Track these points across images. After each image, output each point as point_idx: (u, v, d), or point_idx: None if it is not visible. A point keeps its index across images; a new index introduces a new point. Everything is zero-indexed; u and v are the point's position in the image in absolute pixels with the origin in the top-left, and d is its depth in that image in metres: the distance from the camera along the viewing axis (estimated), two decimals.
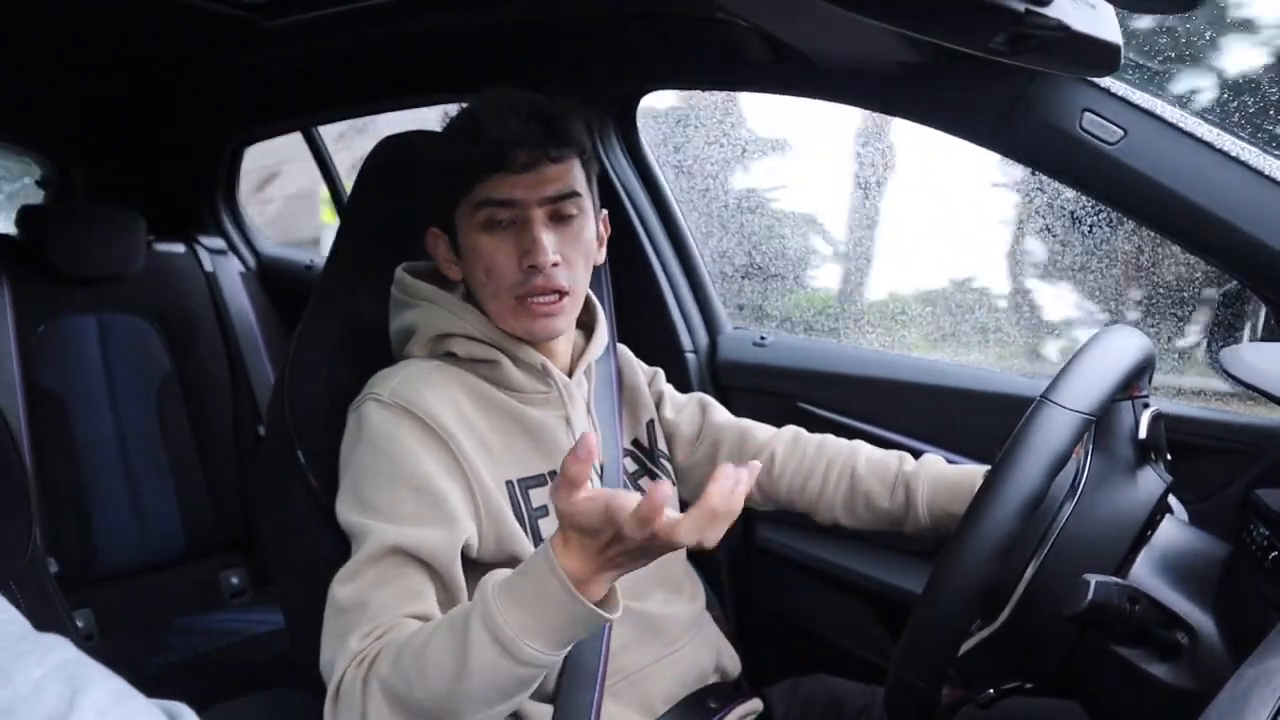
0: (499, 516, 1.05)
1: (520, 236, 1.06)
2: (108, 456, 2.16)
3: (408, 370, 1.10)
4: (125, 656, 1.97)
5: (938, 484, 1.18)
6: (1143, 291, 1.61)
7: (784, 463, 1.29)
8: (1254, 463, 1.27)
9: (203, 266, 2.43)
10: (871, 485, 1.22)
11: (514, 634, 0.82)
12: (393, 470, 1.01)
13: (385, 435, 1.03)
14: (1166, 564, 0.94)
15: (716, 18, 1.38)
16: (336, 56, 1.92)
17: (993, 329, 1.83)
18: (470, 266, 1.10)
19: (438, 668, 0.86)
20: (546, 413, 1.14)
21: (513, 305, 1.08)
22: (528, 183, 1.05)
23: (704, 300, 1.78)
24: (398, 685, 0.88)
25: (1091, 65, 1.08)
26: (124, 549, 2.15)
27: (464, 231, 1.10)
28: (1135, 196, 1.17)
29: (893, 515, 1.21)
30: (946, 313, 1.89)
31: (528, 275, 1.06)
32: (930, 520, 1.18)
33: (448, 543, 0.99)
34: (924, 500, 1.18)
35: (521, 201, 1.06)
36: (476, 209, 1.07)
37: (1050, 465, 0.87)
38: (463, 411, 1.07)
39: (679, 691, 1.18)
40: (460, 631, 0.85)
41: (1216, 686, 0.68)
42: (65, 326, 2.16)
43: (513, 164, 1.04)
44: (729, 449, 1.31)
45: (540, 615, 0.83)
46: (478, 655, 0.84)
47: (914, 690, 0.89)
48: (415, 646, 0.88)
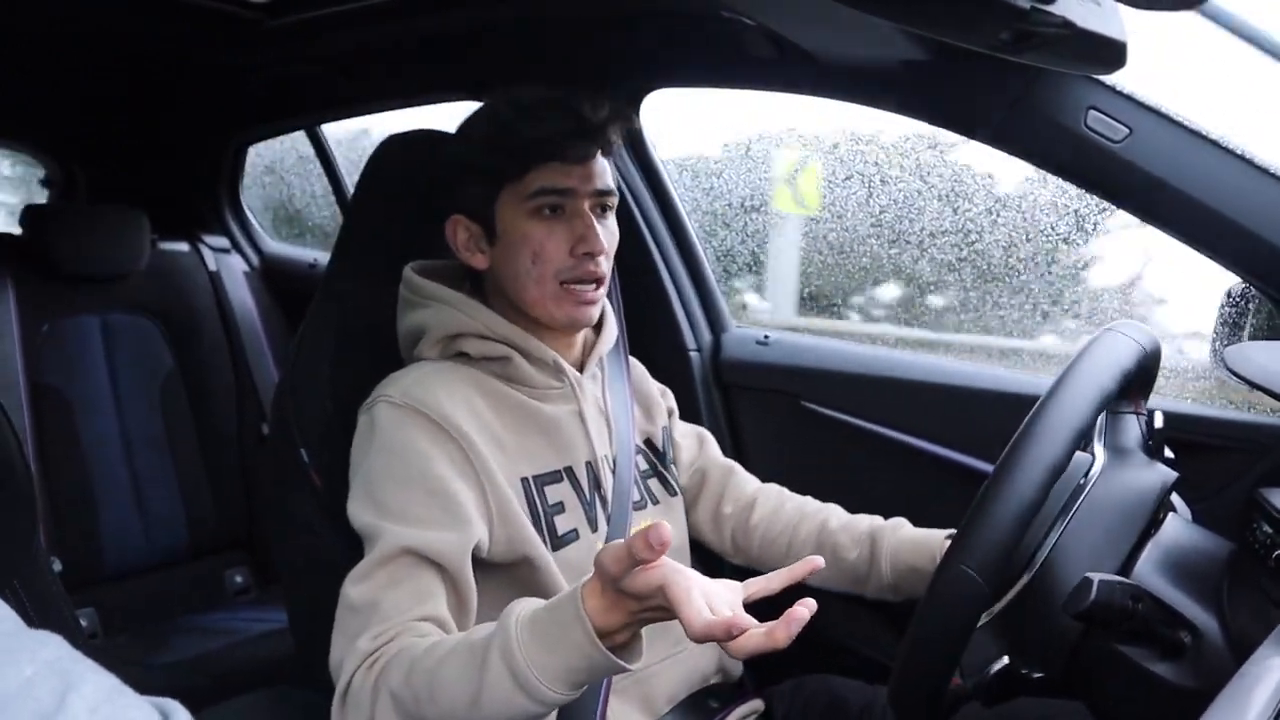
0: (511, 518, 1.05)
1: (572, 224, 1.09)
2: (112, 455, 2.17)
3: (420, 371, 1.10)
4: (129, 655, 1.97)
5: (903, 540, 1.21)
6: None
7: (762, 515, 1.31)
8: (1258, 462, 1.26)
9: (206, 265, 2.43)
10: (840, 539, 1.24)
11: (532, 672, 0.82)
12: (405, 472, 1.01)
13: (397, 437, 1.03)
14: (1170, 563, 0.94)
15: (721, 16, 1.38)
16: (340, 55, 1.92)
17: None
18: (511, 253, 1.11)
19: (452, 691, 0.86)
20: (560, 408, 1.14)
21: (556, 291, 1.10)
22: (580, 174, 1.09)
23: (707, 299, 1.78)
24: (408, 700, 0.88)
25: (1097, 63, 1.08)
26: (128, 548, 2.16)
27: (509, 218, 1.10)
28: (1140, 195, 1.17)
29: (856, 570, 1.23)
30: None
31: (580, 261, 1.09)
32: (892, 575, 1.19)
33: (459, 545, 0.99)
34: (888, 553, 1.20)
35: (575, 191, 1.09)
36: (529, 196, 1.09)
37: (1074, 433, 0.87)
38: (476, 411, 1.07)
39: (681, 691, 1.18)
40: (478, 659, 0.85)
41: (1219, 685, 0.68)
42: (69, 326, 2.16)
43: (568, 155, 1.08)
44: (714, 485, 1.34)
45: (561, 658, 0.82)
46: (493, 687, 0.84)
47: (921, 683, 0.88)
48: (429, 664, 0.88)
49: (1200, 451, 1.29)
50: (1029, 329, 1.80)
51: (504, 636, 0.84)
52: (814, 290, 2.09)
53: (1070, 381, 0.91)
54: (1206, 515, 1.08)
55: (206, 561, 2.29)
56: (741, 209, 1.99)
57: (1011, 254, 1.74)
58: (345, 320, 1.23)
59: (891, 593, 1.21)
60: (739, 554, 1.33)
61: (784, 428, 1.67)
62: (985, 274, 1.79)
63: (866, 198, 1.82)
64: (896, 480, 1.55)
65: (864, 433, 1.58)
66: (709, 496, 1.33)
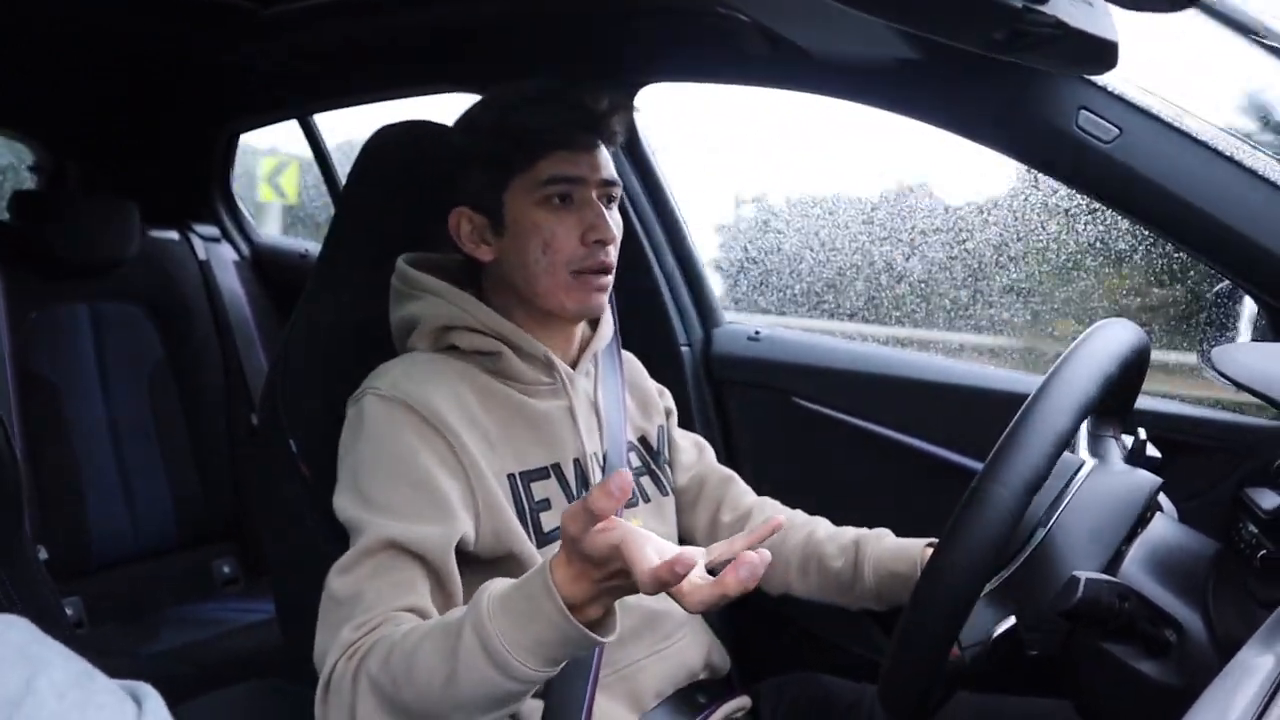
0: (497, 513, 1.05)
1: (583, 213, 1.09)
2: (100, 444, 2.16)
3: (409, 363, 1.10)
4: (116, 645, 1.97)
5: (885, 549, 1.21)
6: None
7: (755, 526, 1.30)
8: (1244, 462, 1.27)
9: (196, 254, 2.42)
10: (826, 548, 1.25)
11: (504, 647, 0.82)
12: (391, 465, 1.01)
13: (384, 430, 1.03)
14: (1156, 561, 0.94)
15: (717, 11, 1.38)
16: (333, 47, 1.91)
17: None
18: (521, 243, 1.10)
19: (427, 671, 0.85)
20: (550, 404, 1.14)
21: (568, 281, 1.09)
22: (590, 163, 1.09)
23: (699, 294, 1.78)
24: (386, 684, 0.87)
25: (1088, 63, 1.08)
26: (115, 537, 2.15)
27: (518, 208, 1.10)
28: (1131, 195, 1.17)
29: (840, 577, 1.23)
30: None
31: (591, 250, 1.09)
32: (874, 582, 1.20)
33: (443, 538, 0.99)
34: (871, 560, 1.20)
35: (585, 180, 1.09)
36: (540, 185, 1.08)
37: (1079, 409, 0.87)
38: (464, 405, 1.07)
39: (668, 687, 1.18)
40: (453, 637, 0.85)
41: (1204, 683, 0.68)
42: (58, 314, 2.15)
43: (575, 144, 1.08)
44: (712, 491, 1.33)
45: (532, 632, 0.82)
46: (467, 663, 0.83)
47: (912, 679, 0.88)
48: (407, 647, 0.88)
49: (1186, 451, 1.30)
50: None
51: (476, 613, 0.84)
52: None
53: (1052, 389, 0.90)
54: (1192, 515, 1.09)
55: (194, 552, 2.28)
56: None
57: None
58: (336, 311, 1.23)
59: (874, 600, 1.21)
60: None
61: (774, 423, 1.67)
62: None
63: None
64: (886, 476, 1.56)
65: (854, 429, 1.58)
66: (707, 502, 1.33)
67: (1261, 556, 0.91)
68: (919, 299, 1.89)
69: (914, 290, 1.89)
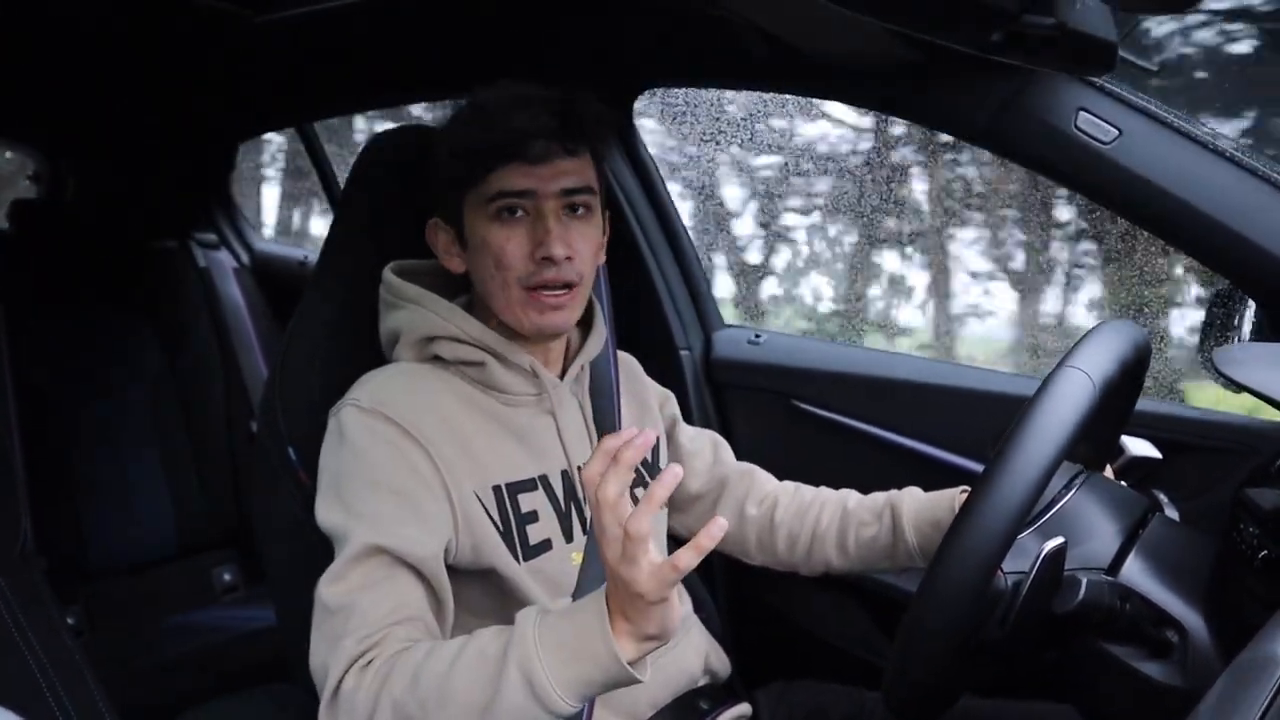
0: (476, 527, 1.04)
1: (534, 228, 1.05)
2: (99, 453, 2.15)
3: (390, 374, 1.09)
4: (116, 653, 1.96)
5: (920, 501, 1.21)
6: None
7: (785, 512, 1.30)
8: (1244, 462, 1.27)
9: (196, 262, 2.42)
10: (862, 515, 1.24)
11: (549, 683, 0.83)
12: (372, 476, 1.01)
13: (364, 441, 1.02)
14: (1157, 562, 0.94)
15: (713, 14, 1.37)
16: (329, 52, 1.91)
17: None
18: (478, 258, 1.09)
19: (464, 699, 0.85)
20: (535, 415, 1.13)
21: (521, 297, 1.06)
22: (542, 174, 1.05)
23: (699, 297, 1.78)
24: (412, 708, 0.87)
25: (1087, 64, 1.08)
26: (115, 545, 2.14)
27: (473, 222, 1.08)
28: (1129, 196, 1.17)
29: (878, 542, 1.22)
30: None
31: (540, 267, 1.05)
32: (916, 537, 1.19)
33: (430, 546, 0.98)
34: (909, 514, 1.20)
35: (536, 193, 1.05)
36: (489, 200, 1.06)
37: (1073, 428, 0.86)
38: (446, 417, 1.06)
39: (668, 694, 1.17)
40: (493, 669, 0.85)
41: (1206, 684, 0.68)
42: (57, 323, 2.15)
43: (528, 154, 1.03)
44: (735, 490, 1.33)
45: (579, 672, 0.83)
46: (509, 696, 0.84)
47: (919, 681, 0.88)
48: (438, 672, 0.87)
49: (1187, 452, 1.29)
50: None
51: (522, 647, 0.85)
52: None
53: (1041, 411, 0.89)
54: (1193, 515, 1.09)
55: (194, 559, 2.28)
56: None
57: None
58: (334, 318, 1.23)
59: (921, 557, 1.19)
60: (762, 552, 1.32)
61: (775, 427, 1.67)
62: None
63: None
64: (886, 479, 1.54)
65: (855, 432, 1.58)
66: (730, 501, 1.32)
67: (1262, 557, 0.90)
68: None
69: None
